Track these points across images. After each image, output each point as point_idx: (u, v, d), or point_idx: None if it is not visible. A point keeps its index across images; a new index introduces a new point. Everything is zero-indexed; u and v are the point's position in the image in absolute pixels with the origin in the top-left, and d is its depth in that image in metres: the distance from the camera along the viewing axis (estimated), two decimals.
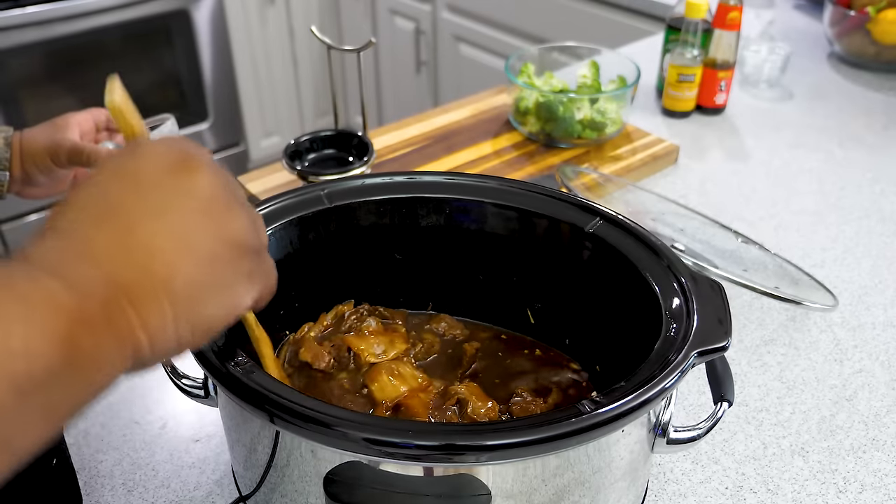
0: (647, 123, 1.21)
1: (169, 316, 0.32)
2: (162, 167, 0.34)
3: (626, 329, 0.57)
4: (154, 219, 0.32)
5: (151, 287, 0.31)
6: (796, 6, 1.69)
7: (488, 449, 0.41)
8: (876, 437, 0.68)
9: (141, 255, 0.31)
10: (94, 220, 0.32)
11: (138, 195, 0.33)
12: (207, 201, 0.34)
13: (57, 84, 2.10)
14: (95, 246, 0.31)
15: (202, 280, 0.33)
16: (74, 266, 0.30)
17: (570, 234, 0.61)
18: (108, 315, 0.30)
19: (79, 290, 0.29)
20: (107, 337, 0.30)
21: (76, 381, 0.29)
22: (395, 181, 0.65)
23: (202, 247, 0.33)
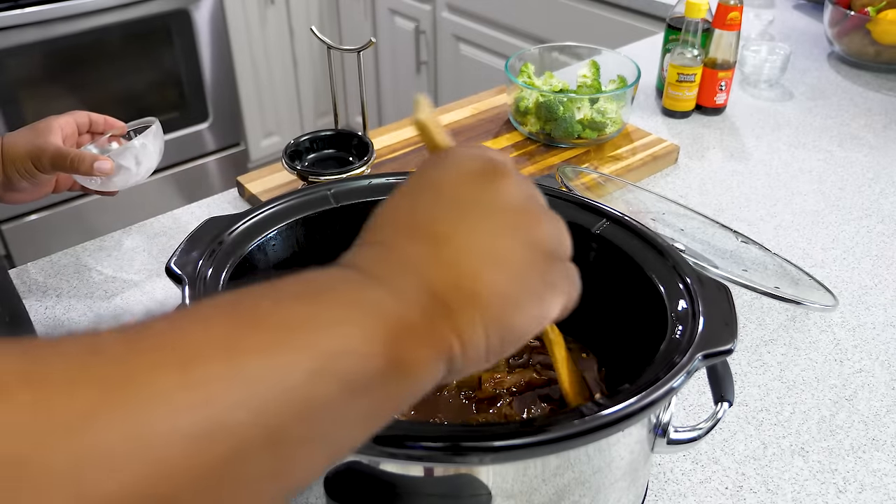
0: (647, 123, 1.21)
1: (480, 326, 0.32)
2: (469, 177, 0.34)
3: (631, 330, 0.57)
4: (465, 231, 0.33)
5: (464, 298, 0.31)
6: (796, 6, 1.69)
7: (493, 450, 0.41)
8: (876, 437, 0.68)
9: (454, 267, 0.32)
10: (407, 233, 0.33)
11: (448, 206, 0.33)
12: (515, 211, 0.34)
13: (57, 84, 2.10)
14: (412, 258, 0.32)
15: (511, 291, 0.33)
16: (395, 276, 0.31)
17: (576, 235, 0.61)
18: (428, 323, 0.30)
19: (402, 299, 0.30)
20: (427, 344, 0.30)
21: (398, 385, 0.30)
22: (401, 181, 0.65)
23: (512, 258, 0.33)
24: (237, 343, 0.25)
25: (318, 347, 0.27)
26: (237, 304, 0.28)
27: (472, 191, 0.34)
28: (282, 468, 0.26)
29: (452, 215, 0.33)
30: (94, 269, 0.89)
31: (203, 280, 0.52)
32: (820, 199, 1.04)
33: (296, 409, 0.26)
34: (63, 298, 0.84)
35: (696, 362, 0.47)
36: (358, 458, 0.44)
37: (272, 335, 0.26)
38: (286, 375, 0.26)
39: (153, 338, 0.25)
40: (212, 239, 0.56)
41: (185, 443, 0.22)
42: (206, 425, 0.23)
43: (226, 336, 0.26)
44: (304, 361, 0.26)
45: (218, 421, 0.23)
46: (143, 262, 0.90)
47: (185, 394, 0.23)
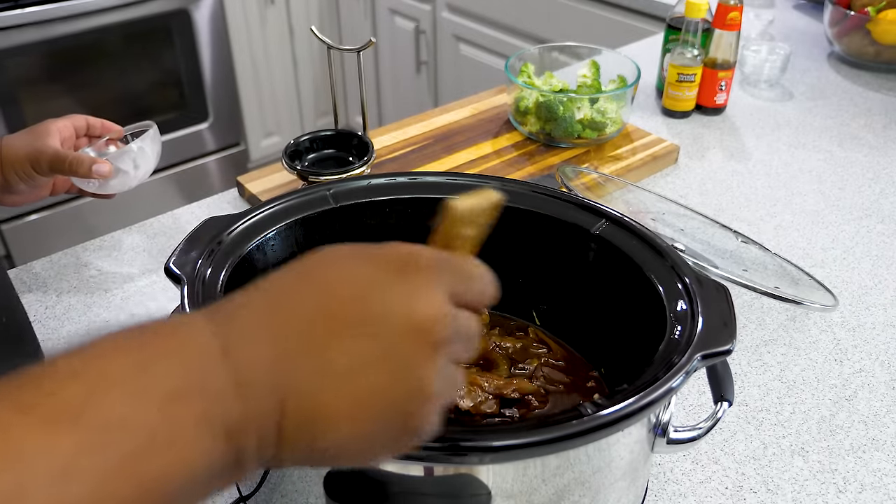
0: (647, 123, 1.21)
1: (300, 460, 0.31)
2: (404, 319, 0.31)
3: (630, 331, 0.57)
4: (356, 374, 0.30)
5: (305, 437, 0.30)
6: (796, 6, 1.69)
7: (492, 450, 0.41)
8: (876, 437, 0.68)
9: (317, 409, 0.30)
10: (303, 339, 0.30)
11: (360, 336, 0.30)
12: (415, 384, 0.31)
13: (57, 84, 2.10)
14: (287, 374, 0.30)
15: (351, 447, 0.31)
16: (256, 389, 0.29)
17: (575, 235, 0.61)
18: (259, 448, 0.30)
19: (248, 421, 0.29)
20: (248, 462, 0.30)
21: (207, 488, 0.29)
22: (399, 181, 0.65)
23: (374, 421, 0.31)
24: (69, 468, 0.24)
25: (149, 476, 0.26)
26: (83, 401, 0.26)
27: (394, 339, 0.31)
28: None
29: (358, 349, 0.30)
30: (94, 268, 0.89)
31: (202, 280, 0.52)
32: (820, 199, 1.04)
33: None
34: (63, 298, 0.84)
35: (695, 363, 0.47)
36: None
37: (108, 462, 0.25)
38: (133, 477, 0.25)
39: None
40: (211, 239, 0.56)
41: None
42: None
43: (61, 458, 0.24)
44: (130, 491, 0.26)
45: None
46: (143, 262, 0.90)
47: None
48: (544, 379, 0.61)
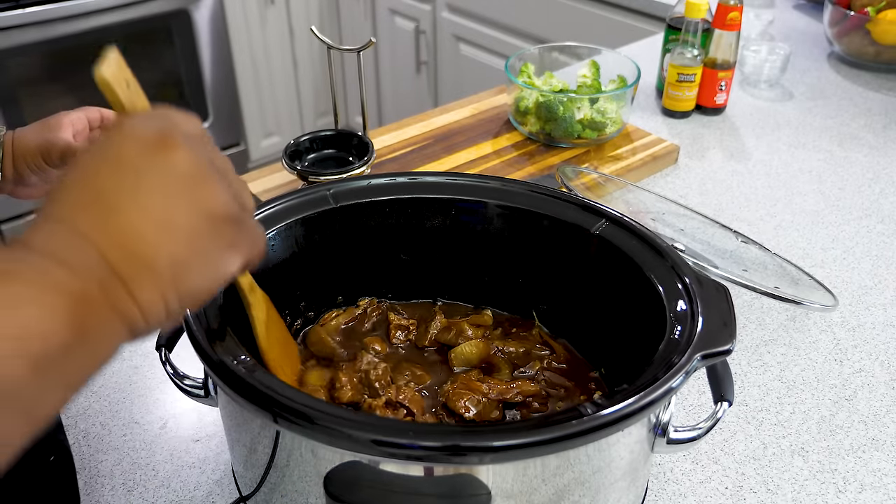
0: (647, 123, 1.21)
1: (156, 292, 0.34)
2: (140, 147, 0.35)
3: (630, 331, 0.57)
4: (134, 200, 0.34)
5: (136, 266, 0.33)
6: (796, 6, 1.69)
7: (492, 450, 0.41)
8: (876, 437, 0.68)
9: (123, 237, 0.33)
10: (81, 205, 0.34)
11: (118, 178, 0.34)
12: (184, 177, 0.35)
13: (57, 84, 2.10)
14: (84, 229, 0.33)
15: (184, 256, 0.35)
16: (70, 251, 0.32)
17: (575, 235, 0.61)
18: (105, 293, 0.32)
19: (77, 273, 0.32)
20: (106, 313, 0.32)
21: (84, 354, 0.32)
22: (400, 181, 0.65)
23: (181, 223, 0.35)
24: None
25: (4, 333, 0.29)
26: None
27: (142, 160, 0.35)
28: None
29: (123, 185, 0.34)
30: None
31: None
32: (820, 199, 1.04)
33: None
34: None
35: (695, 363, 0.47)
36: (358, 458, 0.44)
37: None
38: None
39: None
40: None
41: None
42: None
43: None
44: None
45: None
46: None
47: None
48: (545, 382, 0.61)
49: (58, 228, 0.33)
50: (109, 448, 0.67)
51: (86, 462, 0.65)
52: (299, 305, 0.65)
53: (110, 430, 0.68)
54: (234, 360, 0.45)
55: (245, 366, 0.45)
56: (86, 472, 0.64)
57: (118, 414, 0.70)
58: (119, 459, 0.65)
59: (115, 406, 0.71)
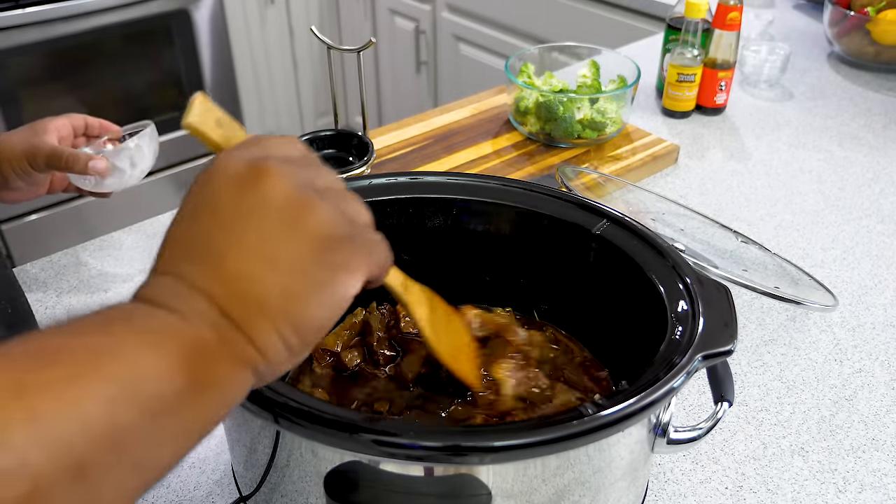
0: (647, 123, 1.21)
1: (272, 330, 0.33)
2: (233, 184, 0.34)
3: (631, 331, 0.57)
4: (235, 242, 0.33)
5: (248, 309, 0.32)
6: (796, 6, 1.69)
7: (493, 450, 0.41)
8: (876, 437, 0.68)
9: (232, 282, 0.33)
10: (185, 255, 0.34)
11: (216, 221, 0.34)
12: (280, 207, 0.34)
13: (57, 84, 2.09)
14: (195, 281, 0.33)
15: (294, 288, 0.33)
16: (183, 300, 0.32)
17: (576, 235, 0.61)
18: (221, 339, 0.32)
19: (190, 321, 0.31)
20: (224, 360, 0.32)
21: (202, 403, 0.31)
22: (401, 182, 0.65)
23: (285, 255, 0.33)
24: (27, 383, 0.26)
25: (113, 375, 0.28)
26: (28, 343, 0.28)
27: (236, 198, 0.34)
28: (90, 496, 0.26)
29: (222, 230, 0.33)
30: (93, 268, 0.89)
31: None
32: (820, 199, 1.03)
33: (97, 439, 0.26)
34: (63, 297, 0.84)
35: (696, 363, 0.47)
36: (358, 458, 0.44)
37: (64, 370, 0.27)
38: (82, 408, 0.26)
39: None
40: None
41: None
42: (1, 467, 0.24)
43: (14, 379, 0.26)
44: (100, 391, 0.27)
45: (11, 464, 0.24)
46: (143, 262, 0.90)
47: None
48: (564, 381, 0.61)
49: (165, 281, 0.33)
50: None
51: None
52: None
53: None
54: None
55: None
56: None
57: None
58: None
59: None
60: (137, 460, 0.28)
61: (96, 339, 0.29)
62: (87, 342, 0.28)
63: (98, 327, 0.30)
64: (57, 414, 0.26)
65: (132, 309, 0.32)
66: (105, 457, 0.27)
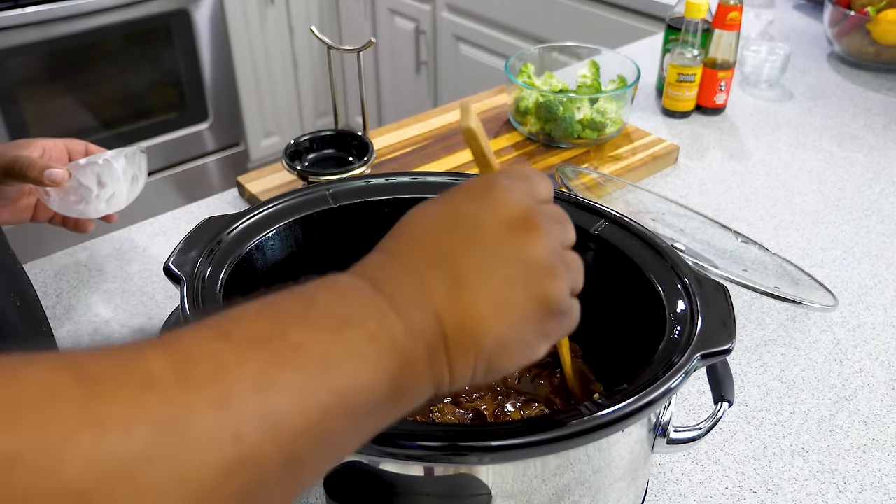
0: (647, 123, 1.21)
1: (472, 365, 0.35)
2: (502, 221, 0.36)
3: (629, 330, 0.57)
4: (483, 275, 0.35)
5: (466, 339, 0.34)
6: (796, 6, 1.69)
7: (491, 450, 0.41)
8: (876, 437, 0.68)
9: (465, 311, 0.34)
10: (432, 261, 0.35)
11: (475, 247, 0.35)
12: (533, 266, 0.36)
13: (57, 84, 2.10)
14: (429, 289, 0.34)
15: (507, 339, 0.35)
16: (413, 308, 0.33)
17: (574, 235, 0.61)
18: (429, 358, 0.33)
19: (413, 335, 0.33)
20: (424, 375, 0.34)
21: (393, 409, 0.33)
22: (399, 181, 0.65)
23: (517, 310, 0.35)
24: (268, 380, 0.28)
25: (337, 387, 0.30)
26: (269, 332, 0.30)
27: (501, 237, 0.36)
28: (295, 482, 0.29)
29: (477, 257, 0.35)
30: (93, 268, 0.89)
31: (201, 280, 0.52)
32: (820, 199, 1.03)
33: (312, 440, 0.29)
34: (63, 298, 0.84)
35: (695, 362, 0.47)
36: (358, 458, 0.44)
37: (300, 375, 0.29)
38: (306, 411, 0.29)
39: (195, 368, 0.27)
40: (210, 239, 0.56)
41: (217, 476, 0.25)
42: (235, 460, 0.26)
43: (258, 372, 0.28)
44: (324, 399, 0.29)
45: (247, 455, 0.26)
46: (143, 262, 0.90)
47: (220, 432, 0.26)
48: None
49: (407, 278, 0.34)
50: None
51: None
52: None
53: None
54: None
55: None
56: None
57: None
58: None
59: None
60: (333, 453, 0.31)
61: (332, 346, 0.30)
62: (323, 347, 0.30)
63: (336, 327, 0.31)
64: (287, 414, 0.28)
65: (365, 303, 0.33)
66: (312, 453, 0.29)
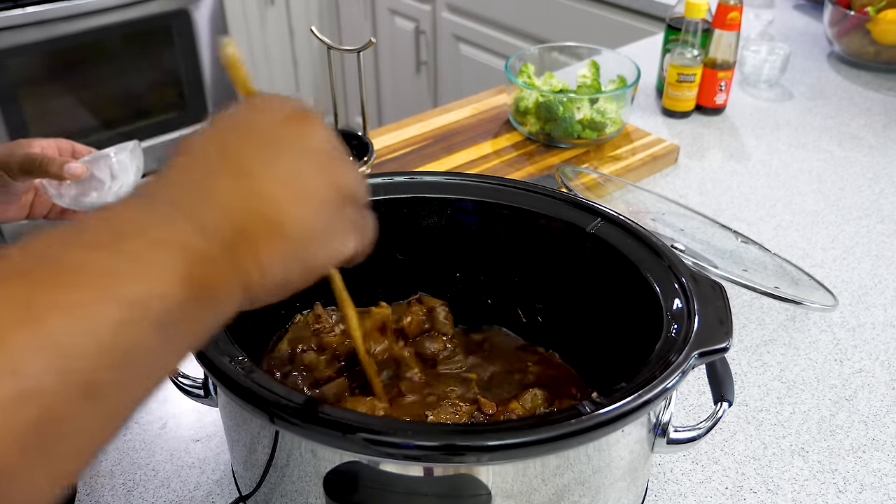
0: (647, 123, 1.21)
1: (280, 255, 0.34)
2: (277, 119, 0.36)
3: (627, 329, 0.57)
4: (270, 167, 0.35)
5: (266, 229, 0.34)
6: (796, 6, 1.69)
7: (489, 450, 0.41)
8: (876, 437, 0.68)
9: (258, 201, 0.34)
10: (213, 166, 0.34)
11: (254, 144, 0.35)
12: (319, 152, 0.36)
13: (57, 84, 2.10)
14: (217, 190, 0.34)
15: (312, 223, 0.35)
16: (200, 206, 0.33)
17: (571, 234, 0.61)
18: (229, 254, 0.33)
19: (206, 233, 0.32)
20: (227, 274, 0.33)
21: (200, 314, 0.32)
22: (396, 181, 0.65)
23: (313, 193, 0.36)
24: (40, 305, 0.26)
25: (123, 297, 0.28)
26: (39, 258, 0.28)
27: (281, 132, 0.36)
28: (105, 411, 0.28)
29: (261, 152, 0.35)
30: None
31: None
32: (820, 199, 1.03)
33: (108, 360, 0.27)
34: None
35: (692, 361, 0.47)
36: (358, 458, 0.44)
37: (77, 293, 0.27)
38: (94, 331, 0.27)
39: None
40: None
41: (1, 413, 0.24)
42: (13, 394, 0.24)
43: (27, 297, 0.26)
44: (112, 313, 0.27)
45: (26, 388, 0.24)
46: None
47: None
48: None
49: (189, 181, 0.34)
50: (109, 448, 0.66)
51: None
52: (294, 304, 0.65)
53: None
54: (231, 361, 0.45)
55: (243, 366, 0.45)
56: (86, 472, 0.64)
57: None
58: (119, 459, 0.65)
59: None
60: (143, 373, 0.30)
61: (111, 259, 0.29)
62: (102, 263, 0.28)
63: (112, 242, 0.30)
64: (71, 338, 0.26)
65: (149, 212, 0.32)
66: (116, 375, 0.28)
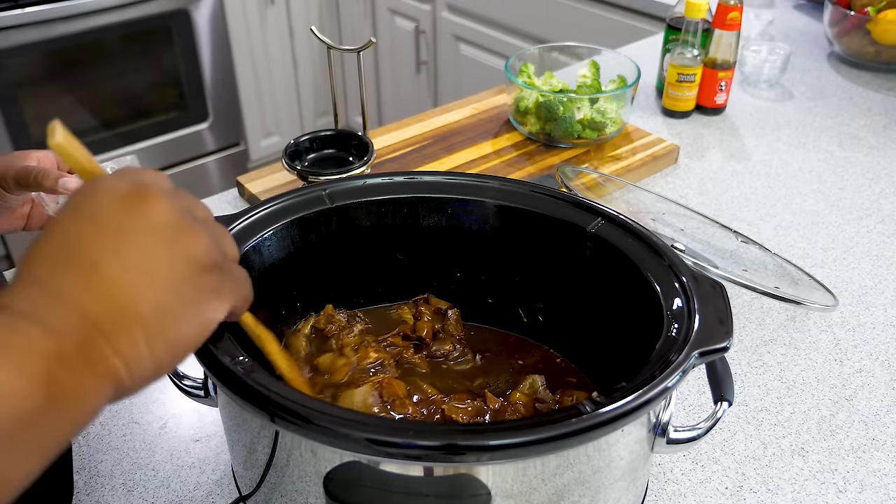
0: (647, 123, 1.21)
1: (141, 342, 0.33)
2: (116, 202, 0.35)
3: (627, 329, 0.57)
4: (113, 254, 0.34)
5: (121, 318, 0.33)
6: (796, 6, 1.69)
7: (489, 449, 0.41)
8: (876, 437, 0.68)
9: (106, 292, 0.33)
10: (59, 264, 0.34)
11: (96, 234, 0.34)
12: (163, 228, 0.35)
13: (57, 84, 2.10)
14: (64, 289, 0.33)
15: (167, 303, 0.34)
16: (48, 310, 0.32)
17: (571, 233, 0.61)
18: (84, 352, 0.32)
19: (55, 333, 0.31)
20: (85, 373, 0.32)
21: (60, 417, 0.31)
22: (396, 181, 0.65)
23: (162, 272, 0.35)
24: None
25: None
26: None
27: (118, 215, 0.35)
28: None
29: (101, 241, 0.34)
30: None
31: None
32: (820, 199, 1.03)
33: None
34: None
35: (693, 360, 0.47)
36: (357, 457, 0.44)
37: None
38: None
39: None
40: None
41: None
42: None
43: None
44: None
45: None
46: None
47: None
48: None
49: (34, 289, 0.33)
50: (109, 448, 0.67)
51: (85, 462, 0.65)
52: (296, 305, 0.65)
53: (110, 430, 0.68)
54: (231, 361, 0.45)
55: (243, 366, 0.45)
56: (85, 471, 0.64)
57: (118, 414, 0.70)
58: (119, 459, 0.65)
59: (114, 406, 0.71)
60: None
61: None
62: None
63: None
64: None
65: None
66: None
